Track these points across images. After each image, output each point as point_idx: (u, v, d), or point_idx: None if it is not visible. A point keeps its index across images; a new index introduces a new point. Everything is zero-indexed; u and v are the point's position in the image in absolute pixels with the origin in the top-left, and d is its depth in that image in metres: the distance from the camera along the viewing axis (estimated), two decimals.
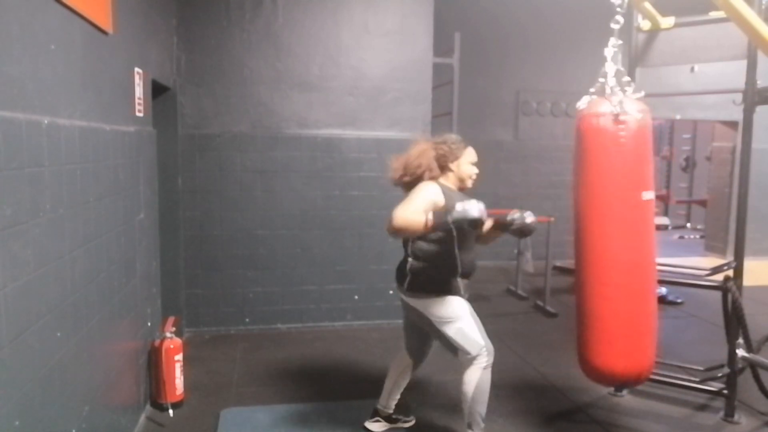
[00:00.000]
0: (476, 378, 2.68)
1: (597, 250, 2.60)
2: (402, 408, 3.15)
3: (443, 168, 2.76)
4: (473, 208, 2.43)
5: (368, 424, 3.09)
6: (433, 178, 2.74)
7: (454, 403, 3.10)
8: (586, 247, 2.64)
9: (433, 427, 3.14)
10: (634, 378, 2.71)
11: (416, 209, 2.49)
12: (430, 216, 2.47)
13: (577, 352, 2.77)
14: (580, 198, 2.67)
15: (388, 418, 3.09)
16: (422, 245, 2.71)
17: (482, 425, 2.75)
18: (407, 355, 3.03)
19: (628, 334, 2.60)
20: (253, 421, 3.15)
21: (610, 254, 2.56)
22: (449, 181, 2.78)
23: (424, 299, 2.71)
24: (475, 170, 2.82)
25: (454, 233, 2.63)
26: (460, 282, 2.74)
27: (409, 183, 2.76)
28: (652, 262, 2.68)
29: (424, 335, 2.91)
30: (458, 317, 2.68)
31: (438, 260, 2.70)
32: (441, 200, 2.62)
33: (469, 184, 2.82)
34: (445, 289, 2.70)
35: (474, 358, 2.67)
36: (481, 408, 2.72)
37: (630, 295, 2.58)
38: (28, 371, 1.76)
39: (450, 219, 2.44)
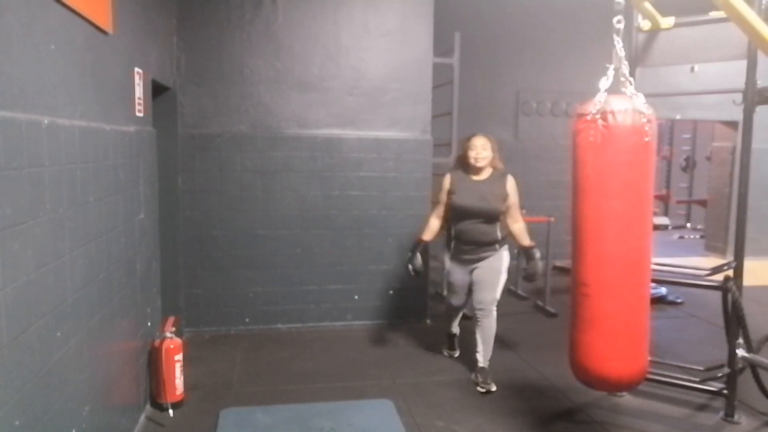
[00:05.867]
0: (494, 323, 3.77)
1: (584, 250, 2.59)
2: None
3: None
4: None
5: (491, 386, 3.61)
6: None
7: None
8: (576, 247, 2.63)
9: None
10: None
11: None
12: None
13: (569, 355, 2.72)
14: (572, 197, 2.66)
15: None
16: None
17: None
18: (458, 316, 4.12)
19: (623, 337, 2.56)
20: (252, 421, 3.15)
21: (601, 254, 2.53)
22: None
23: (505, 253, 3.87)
24: (473, 154, 3.85)
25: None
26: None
27: None
28: (647, 264, 2.62)
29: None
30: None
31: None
32: None
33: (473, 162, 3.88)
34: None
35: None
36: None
37: (620, 297, 2.54)
38: (28, 371, 1.76)
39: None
